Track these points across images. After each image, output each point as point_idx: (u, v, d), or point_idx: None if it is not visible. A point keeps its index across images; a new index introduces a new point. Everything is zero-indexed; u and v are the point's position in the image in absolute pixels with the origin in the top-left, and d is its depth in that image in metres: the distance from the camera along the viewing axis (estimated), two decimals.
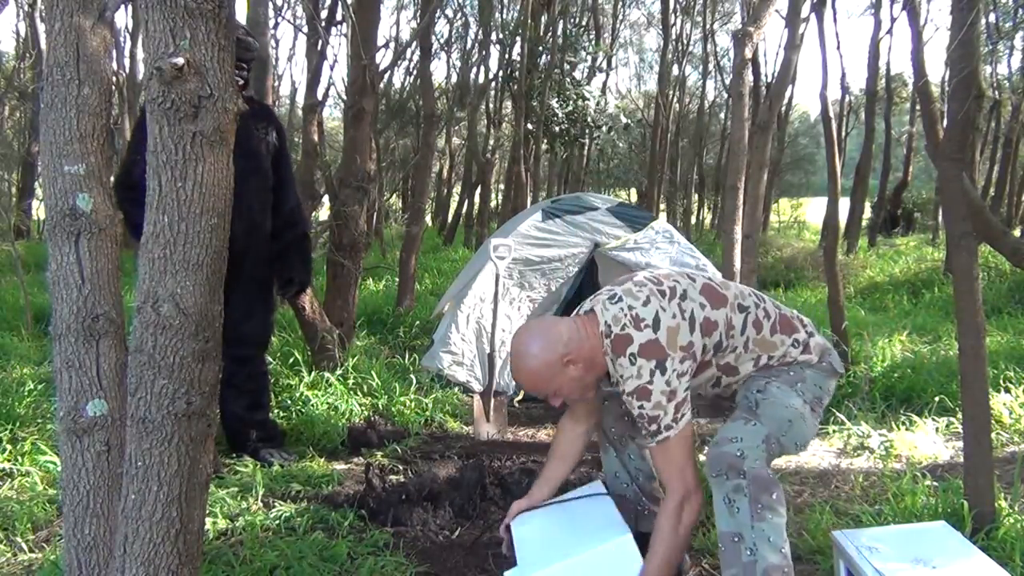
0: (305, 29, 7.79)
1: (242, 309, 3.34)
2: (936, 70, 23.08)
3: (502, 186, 14.08)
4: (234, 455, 3.45)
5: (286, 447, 3.62)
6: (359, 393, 4.27)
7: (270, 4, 6.18)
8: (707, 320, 2.09)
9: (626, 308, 2.05)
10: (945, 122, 2.69)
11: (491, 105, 15.09)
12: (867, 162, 13.55)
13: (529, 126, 11.07)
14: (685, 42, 17.65)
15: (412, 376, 4.61)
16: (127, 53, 12.26)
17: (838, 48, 16.45)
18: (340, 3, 6.67)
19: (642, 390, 2.00)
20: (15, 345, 5.24)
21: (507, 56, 12.25)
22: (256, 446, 3.48)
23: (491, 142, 15.06)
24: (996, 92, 15.05)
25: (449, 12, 14.79)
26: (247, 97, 3.41)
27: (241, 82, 3.31)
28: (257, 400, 3.56)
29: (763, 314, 2.19)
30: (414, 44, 10.40)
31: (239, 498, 2.98)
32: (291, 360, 4.43)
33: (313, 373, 4.26)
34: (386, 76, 11.19)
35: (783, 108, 16.95)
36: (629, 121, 14.98)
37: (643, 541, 2.13)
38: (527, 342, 2.10)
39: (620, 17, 20.06)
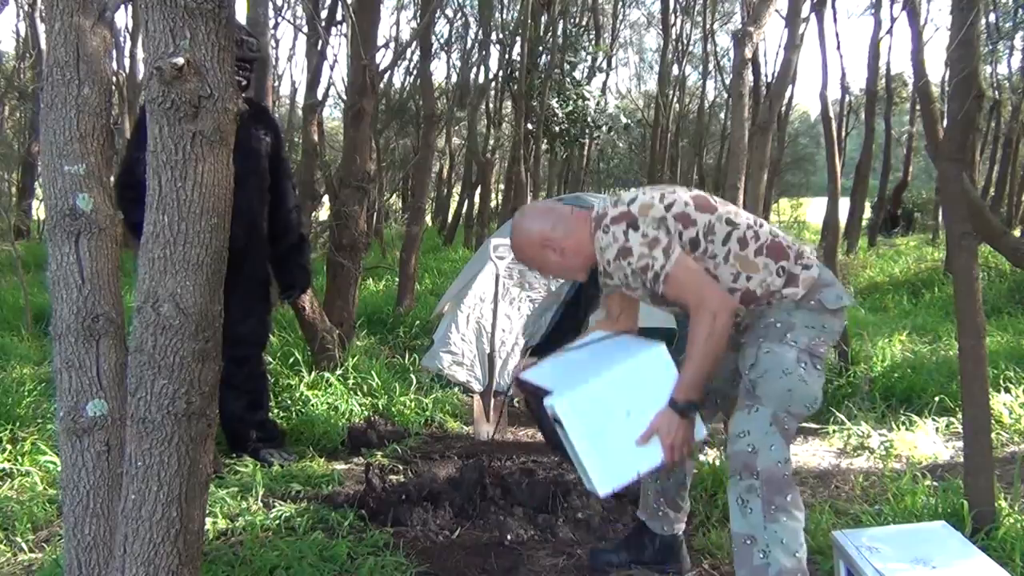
0: (305, 29, 7.79)
1: (241, 309, 3.33)
2: (936, 70, 23.11)
3: (502, 186, 14.05)
4: (234, 455, 3.45)
5: (286, 447, 3.62)
6: (359, 393, 4.27)
7: (270, 4, 6.17)
8: (685, 214, 2.09)
9: (614, 199, 2.18)
10: (945, 122, 2.70)
11: (491, 105, 15.07)
12: (867, 162, 13.53)
13: (529, 126, 11.07)
14: (685, 42, 17.65)
15: (412, 376, 4.61)
16: (127, 53, 12.25)
17: (838, 48, 16.42)
18: (340, 3, 6.67)
19: (623, 250, 2.06)
20: (15, 345, 5.24)
21: (507, 56, 12.25)
22: (256, 446, 3.48)
23: (491, 142, 15.05)
24: (996, 92, 15.05)
25: (449, 12, 14.76)
26: (246, 98, 3.40)
27: (244, 83, 3.30)
28: (256, 400, 3.56)
29: (752, 235, 2.12)
30: (414, 44, 10.38)
31: (239, 498, 2.98)
32: (291, 360, 4.42)
33: (313, 373, 4.26)
34: (386, 76, 11.17)
35: (783, 108, 16.92)
36: (629, 121, 14.96)
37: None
38: (523, 219, 2.26)
39: (620, 17, 20.06)
